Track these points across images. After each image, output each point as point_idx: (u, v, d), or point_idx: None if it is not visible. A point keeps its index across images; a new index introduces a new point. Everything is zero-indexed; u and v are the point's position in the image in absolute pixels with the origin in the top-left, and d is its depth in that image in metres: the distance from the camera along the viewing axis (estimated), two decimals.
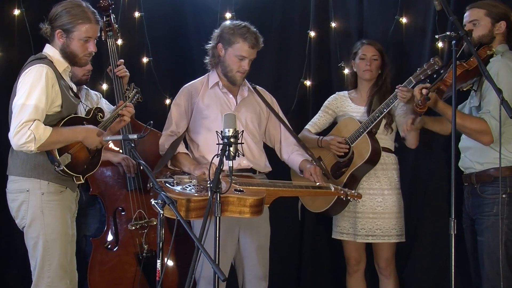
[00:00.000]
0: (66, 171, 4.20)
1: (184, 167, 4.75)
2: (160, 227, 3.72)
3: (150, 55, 6.32)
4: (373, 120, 5.07)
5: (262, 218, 4.70)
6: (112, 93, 5.42)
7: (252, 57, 4.84)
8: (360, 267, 5.42)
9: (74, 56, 4.34)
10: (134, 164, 5.14)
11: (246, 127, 4.86)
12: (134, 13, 6.28)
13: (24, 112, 4.01)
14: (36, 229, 4.25)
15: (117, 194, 5.22)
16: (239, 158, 4.53)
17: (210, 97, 4.91)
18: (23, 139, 3.98)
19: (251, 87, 5.06)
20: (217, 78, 4.93)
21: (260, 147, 4.98)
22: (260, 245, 4.87)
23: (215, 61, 4.94)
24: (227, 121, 3.89)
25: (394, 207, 5.21)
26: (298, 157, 4.99)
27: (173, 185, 4.35)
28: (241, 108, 4.92)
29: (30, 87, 4.07)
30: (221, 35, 4.86)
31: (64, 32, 4.28)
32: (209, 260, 3.41)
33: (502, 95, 3.83)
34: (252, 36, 4.77)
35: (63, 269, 4.31)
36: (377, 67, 5.33)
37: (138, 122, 5.28)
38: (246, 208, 4.27)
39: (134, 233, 5.16)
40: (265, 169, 4.97)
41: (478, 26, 4.64)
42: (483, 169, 4.61)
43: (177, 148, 4.79)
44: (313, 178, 4.75)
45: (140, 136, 3.93)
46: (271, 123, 5.12)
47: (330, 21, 6.28)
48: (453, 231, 3.79)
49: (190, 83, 5.06)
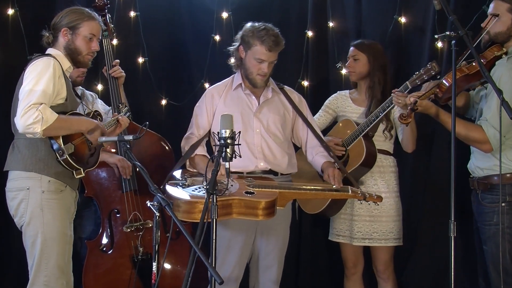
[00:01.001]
0: (68, 161, 4.22)
1: (200, 168, 4.77)
2: (155, 229, 3.72)
3: (146, 55, 6.31)
4: (369, 123, 5.06)
5: (283, 221, 4.76)
6: (107, 93, 5.41)
7: (272, 60, 4.83)
8: (358, 270, 5.40)
9: (78, 53, 4.43)
10: (129, 165, 5.14)
11: (267, 128, 4.86)
12: (129, 13, 6.28)
13: (32, 95, 4.07)
14: (35, 227, 4.27)
15: (112, 195, 5.22)
16: (256, 160, 4.67)
17: (233, 98, 4.92)
18: (30, 120, 4.01)
19: (278, 87, 5.06)
20: (241, 79, 4.93)
21: (283, 148, 4.93)
22: (277, 248, 4.87)
23: (238, 63, 4.95)
24: (223, 122, 3.87)
25: (392, 210, 5.18)
26: (321, 159, 4.96)
27: (184, 187, 4.36)
28: (262, 109, 4.91)
29: (38, 74, 4.15)
30: (242, 38, 4.86)
31: (69, 29, 4.40)
32: (206, 262, 3.40)
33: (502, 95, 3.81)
34: (270, 39, 4.74)
35: (60, 269, 4.32)
36: (361, 67, 5.29)
37: (133, 123, 5.27)
38: (257, 210, 4.25)
39: (130, 235, 5.16)
40: (288, 171, 4.94)
41: (497, 22, 4.51)
42: (484, 175, 4.57)
43: (195, 149, 4.81)
44: (331, 180, 4.70)
45: (136, 137, 3.93)
46: (298, 125, 5.09)
47: (328, 20, 6.27)
48: (452, 234, 3.78)
49: (215, 85, 5.08)
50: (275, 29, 4.83)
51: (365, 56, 5.26)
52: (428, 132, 5.58)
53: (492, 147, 4.40)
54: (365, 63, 5.26)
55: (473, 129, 4.46)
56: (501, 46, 4.53)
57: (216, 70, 6.10)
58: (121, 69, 5.35)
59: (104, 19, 5.30)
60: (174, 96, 6.34)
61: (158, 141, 5.45)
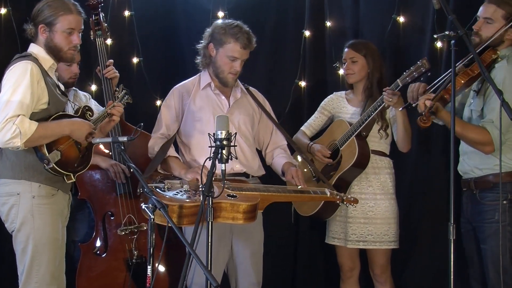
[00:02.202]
0: (56, 169, 4.17)
1: (175, 171, 4.72)
2: (150, 232, 3.71)
3: (141, 55, 6.31)
4: (361, 123, 5.06)
5: (256, 223, 4.64)
6: (101, 94, 5.39)
7: (244, 58, 4.79)
8: (354, 273, 5.39)
9: (59, 50, 4.34)
10: (124, 169, 5.13)
11: (239, 129, 4.82)
12: (124, 12, 6.28)
13: (8, 108, 4.00)
14: (26, 233, 4.24)
15: (106, 198, 5.21)
16: (232, 162, 4.49)
17: (202, 98, 4.87)
18: (8, 135, 3.96)
19: (244, 88, 5.02)
20: (209, 78, 4.89)
21: (253, 150, 4.94)
22: (253, 251, 4.83)
23: (207, 62, 4.89)
24: (219, 123, 3.86)
25: (387, 212, 5.18)
26: (281, 159, 4.95)
27: (164, 190, 4.32)
28: (234, 110, 4.88)
29: (15, 83, 4.07)
30: (213, 35, 4.81)
31: (46, 26, 4.30)
32: (201, 266, 3.40)
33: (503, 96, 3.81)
34: (244, 36, 4.71)
35: (51, 275, 4.29)
36: (360, 69, 5.28)
37: (128, 124, 5.28)
38: (239, 214, 4.24)
39: (124, 239, 5.15)
40: (258, 173, 4.93)
41: (490, 26, 4.52)
42: (483, 175, 4.57)
43: (167, 151, 4.75)
44: (295, 181, 4.69)
45: (130, 139, 3.92)
46: (262, 126, 5.08)
47: (325, 20, 6.28)
48: (452, 237, 3.78)
49: (181, 83, 5.02)
50: (246, 26, 4.80)
51: (363, 57, 5.26)
52: (426, 133, 5.57)
53: (494, 149, 4.41)
54: (364, 64, 5.26)
55: (476, 130, 4.45)
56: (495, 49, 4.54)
57: None
58: (115, 69, 5.33)
59: (98, 18, 5.29)
60: None
61: None
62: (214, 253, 4.19)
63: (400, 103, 4.88)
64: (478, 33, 4.54)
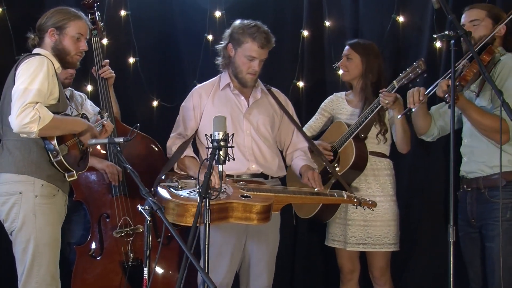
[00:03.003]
0: (62, 163, 4.21)
1: (190, 170, 4.76)
2: (147, 234, 3.71)
3: (137, 55, 6.31)
4: (358, 125, 5.06)
5: (272, 225, 4.70)
6: (97, 94, 5.39)
7: (263, 58, 4.82)
8: (354, 276, 5.38)
9: (66, 54, 4.44)
10: (119, 171, 5.12)
11: (257, 130, 4.86)
12: (120, 12, 6.27)
13: (27, 94, 4.05)
14: (27, 232, 4.25)
15: (102, 200, 5.21)
16: (248, 162, 4.65)
17: (221, 99, 4.91)
18: (27, 119, 3.99)
19: (266, 88, 5.05)
20: (229, 79, 4.92)
21: (273, 151, 4.95)
22: (268, 253, 4.87)
23: (226, 62, 4.93)
24: (216, 123, 3.87)
25: (387, 214, 5.16)
26: (300, 162, 4.96)
27: (178, 190, 4.35)
28: (252, 110, 4.91)
29: (33, 73, 4.14)
30: (231, 35, 4.85)
31: (56, 29, 4.41)
32: (199, 268, 3.40)
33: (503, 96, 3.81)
34: (262, 35, 4.74)
35: (52, 276, 4.31)
36: (354, 67, 5.27)
37: (124, 125, 5.27)
38: (253, 214, 4.27)
39: (120, 241, 5.14)
40: (278, 174, 4.95)
41: (479, 27, 4.58)
42: (493, 173, 4.54)
43: (184, 151, 4.79)
44: (311, 183, 4.71)
45: (127, 140, 3.92)
46: (283, 127, 5.10)
47: (324, 19, 6.28)
48: (452, 238, 3.78)
49: (201, 84, 5.08)
50: (264, 26, 4.83)
51: (359, 56, 5.25)
52: None
53: (509, 138, 4.41)
54: (358, 63, 5.25)
55: (493, 118, 4.43)
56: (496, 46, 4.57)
57: (209, 71, 6.05)
58: (111, 69, 5.34)
59: (94, 17, 5.29)
60: (166, 97, 6.32)
61: (149, 144, 5.42)
62: (227, 253, 4.29)
63: (398, 105, 4.86)
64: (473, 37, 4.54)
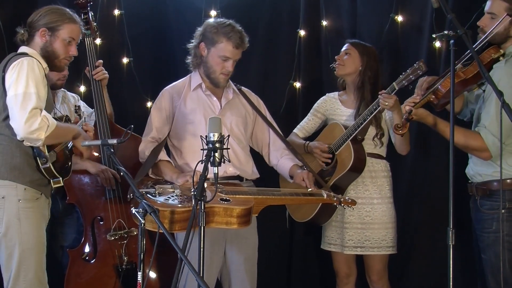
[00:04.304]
0: (50, 170, 4.22)
1: (166, 175, 4.71)
2: (141, 237, 3.71)
3: (131, 55, 6.30)
4: (356, 127, 5.04)
5: (250, 228, 4.62)
6: (90, 95, 5.38)
7: (237, 58, 4.78)
8: (350, 280, 5.38)
9: (55, 57, 4.42)
10: (114, 174, 5.11)
11: (231, 131, 4.80)
12: (113, 11, 6.27)
13: (29, 99, 4.05)
14: (13, 237, 4.24)
15: (96, 202, 5.19)
16: (225, 165, 4.49)
17: (193, 100, 4.86)
18: (35, 125, 4.00)
19: (236, 88, 5.01)
20: (200, 79, 4.87)
21: (246, 153, 4.93)
22: (248, 257, 4.81)
23: (198, 62, 4.88)
24: (212, 125, 3.86)
25: (384, 217, 5.16)
26: (288, 162, 4.95)
27: (155, 196, 4.30)
28: (226, 112, 4.87)
29: (27, 76, 4.12)
30: (204, 34, 4.80)
31: (48, 30, 4.37)
32: (193, 272, 3.39)
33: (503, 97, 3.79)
34: (236, 35, 4.70)
35: (39, 280, 4.31)
36: (351, 62, 5.26)
37: (117, 126, 5.26)
38: (233, 218, 4.22)
39: (113, 244, 5.13)
40: (252, 176, 4.92)
41: (495, 21, 4.45)
42: (483, 181, 4.55)
43: (158, 155, 4.75)
44: (305, 183, 4.69)
45: (120, 141, 3.91)
46: (258, 127, 5.07)
47: (321, 19, 6.28)
48: (451, 242, 3.78)
49: (171, 85, 5.00)
50: (238, 25, 4.79)
51: (358, 53, 5.24)
52: (425, 134, 5.58)
53: (491, 155, 4.39)
54: (356, 59, 5.24)
55: (472, 137, 4.44)
56: (499, 47, 4.51)
57: None
58: (105, 70, 5.32)
59: (87, 17, 5.27)
60: None
61: None
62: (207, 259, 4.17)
63: (397, 107, 4.85)
64: (484, 30, 4.51)
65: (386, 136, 5.25)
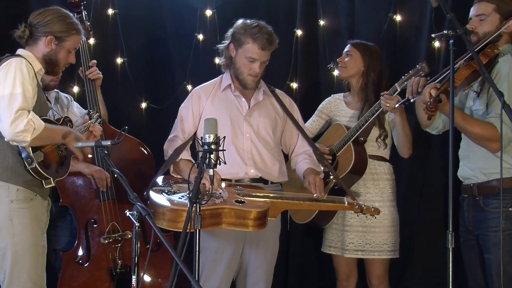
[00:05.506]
0: (38, 170, 4.20)
1: (185, 174, 4.71)
2: (135, 240, 3.70)
3: (125, 56, 6.29)
4: (358, 128, 5.05)
5: (272, 232, 4.71)
6: (83, 96, 5.38)
7: (264, 59, 4.79)
8: (351, 283, 5.39)
9: (56, 65, 4.45)
10: (107, 176, 5.11)
11: (257, 133, 4.83)
12: (107, 10, 6.25)
13: (15, 100, 4.05)
14: (4, 239, 4.24)
15: (89, 205, 5.19)
16: (247, 167, 4.63)
17: (221, 100, 4.88)
18: (21, 126, 3.99)
19: (269, 90, 5.03)
20: (230, 80, 4.90)
21: (274, 155, 4.90)
22: (267, 262, 4.83)
23: (227, 63, 4.91)
24: (207, 126, 3.85)
25: (386, 220, 5.17)
26: (304, 165, 4.91)
27: (170, 194, 4.33)
28: (253, 113, 4.88)
29: (14, 77, 4.12)
30: (233, 35, 4.81)
31: (56, 39, 4.37)
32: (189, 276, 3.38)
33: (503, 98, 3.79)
34: (263, 36, 4.70)
35: (34, 282, 4.29)
36: (353, 64, 5.28)
37: (111, 128, 5.25)
38: (248, 220, 4.21)
39: (107, 247, 5.13)
40: (279, 179, 4.90)
41: (485, 22, 4.52)
42: (487, 180, 4.53)
43: (180, 154, 4.76)
44: (311, 188, 4.66)
45: (114, 143, 3.90)
46: (288, 130, 5.06)
47: (319, 18, 6.27)
48: (450, 245, 3.78)
49: (201, 85, 5.04)
50: (268, 27, 4.79)
51: (360, 54, 5.26)
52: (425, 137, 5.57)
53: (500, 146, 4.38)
54: (358, 61, 5.26)
55: (483, 126, 4.42)
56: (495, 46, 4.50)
57: (200, 71, 6.09)
58: (98, 70, 5.32)
59: (80, 16, 5.27)
60: (155, 98, 6.32)
61: (138, 147, 5.40)
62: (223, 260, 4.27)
63: (399, 108, 4.83)
64: (475, 31, 4.52)
65: (390, 138, 5.24)
